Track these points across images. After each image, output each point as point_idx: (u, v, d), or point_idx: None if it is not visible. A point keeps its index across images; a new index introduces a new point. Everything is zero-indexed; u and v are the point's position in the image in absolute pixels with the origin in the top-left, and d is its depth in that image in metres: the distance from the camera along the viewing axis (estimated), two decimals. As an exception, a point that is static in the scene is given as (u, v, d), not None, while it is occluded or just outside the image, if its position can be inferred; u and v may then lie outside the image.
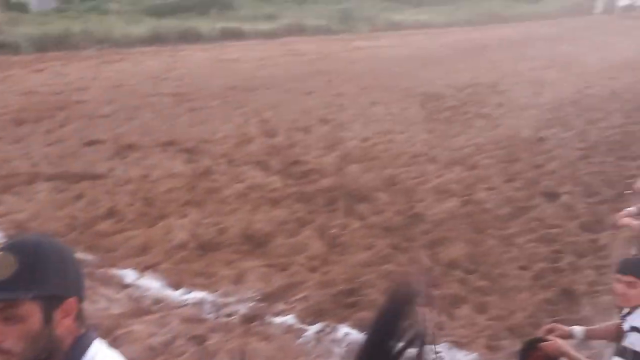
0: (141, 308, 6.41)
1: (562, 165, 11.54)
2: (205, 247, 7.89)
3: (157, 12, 35.92)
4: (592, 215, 9.12)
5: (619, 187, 10.31)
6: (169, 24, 32.18)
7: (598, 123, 15.17)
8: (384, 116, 15.60)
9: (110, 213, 8.88)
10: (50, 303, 1.68)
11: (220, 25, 33.84)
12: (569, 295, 6.84)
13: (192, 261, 7.50)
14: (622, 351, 3.52)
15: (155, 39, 29.74)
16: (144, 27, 30.99)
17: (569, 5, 70.79)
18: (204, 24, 33.39)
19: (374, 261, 7.52)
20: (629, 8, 71.02)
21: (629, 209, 5.88)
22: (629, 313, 3.60)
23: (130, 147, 12.18)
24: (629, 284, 3.48)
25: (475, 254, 7.83)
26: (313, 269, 7.39)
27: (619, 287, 3.55)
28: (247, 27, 34.78)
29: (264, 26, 35.62)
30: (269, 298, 6.69)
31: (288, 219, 8.79)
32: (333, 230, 8.37)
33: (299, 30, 36.94)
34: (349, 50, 30.66)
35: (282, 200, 9.54)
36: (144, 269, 7.23)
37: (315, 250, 7.80)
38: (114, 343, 4.24)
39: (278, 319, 6.32)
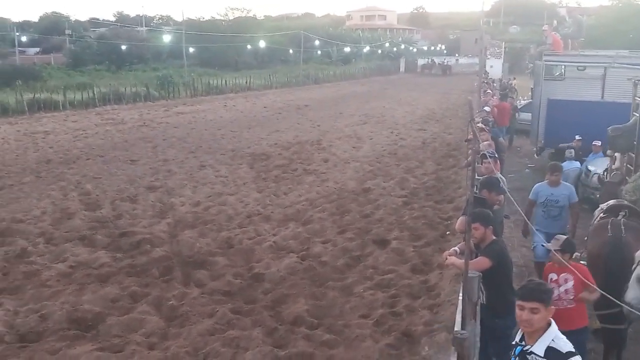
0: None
1: (388, 213, 12.14)
2: (26, 338, 7.03)
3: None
4: (420, 257, 9.63)
5: (440, 228, 11.09)
6: (-33, 97, 29.46)
7: (414, 171, 16.34)
8: (214, 179, 15.43)
9: None
10: None
11: (28, 96, 31.68)
12: (409, 338, 7.05)
13: (11, 356, 6.61)
14: None
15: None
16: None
17: (375, 66, 77.02)
18: (9, 96, 31.02)
19: (217, 329, 7.20)
20: (428, 66, 79.02)
21: (452, 249, 6.28)
22: (522, 339, 3.76)
23: None
24: (532, 310, 3.60)
25: (317, 308, 7.84)
26: (151, 346, 6.88)
27: (523, 314, 3.64)
28: (59, 97, 32.92)
29: (78, 96, 33.98)
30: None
31: (120, 295, 8.17)
32: (170, 302, 7.91)
33: (116, 98, 35.80)
34: (171, 116, 30.26)
35: (111, 276, 8.88)
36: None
37: (152, 326, 7.29)
38: None
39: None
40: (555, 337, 3.64)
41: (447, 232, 10.68)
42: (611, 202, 7.59)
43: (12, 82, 36.16)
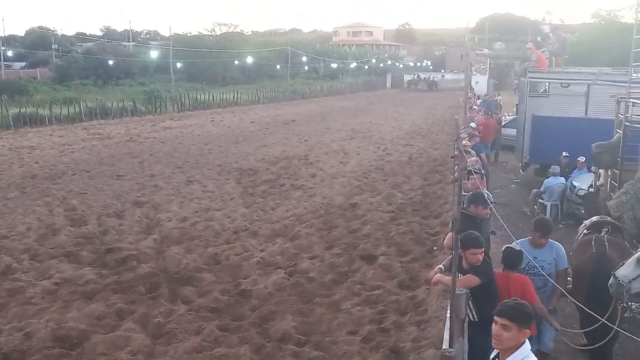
0: None
1: (375, 228, 12.16)
2: (10, 357, 6.92)
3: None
4: (408, 273, 9.64)
5: (427, 244, 11.13)
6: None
7: (401, 186, 16.40)
8: (201, 194, 15.38)
9: None
10: None
11: (13, 111, 31.47)
12: (397, 354, 7.03)
13: (-7, 376, 6.54)
14: None
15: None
16: None
17: (361, 82, 77.48)
18: (-6, 110, 30.83)
19: (204, 346, 7.15)
20: (414, 82, 79.58)
21: (437, 267, 6.30)
22: (496, 356, 3.79)
23: None
24: (504, 327, 3.66)
25: (305, 325, 7.81)
26: (138, 365, 6.81)
27: (495, 328, 3.71)
28: (44, 112, 32.74)
29: (64, 110, 33.81)
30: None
31: (105, 312, 8.08)
32: (157, 319, 7.84)
33: (102, 113, 35.65)
34: (158, 131, 30.18)
35: (97, 293, 8.79)
36: None
37: (138, 344, 7.22)
38: None
39: None
40: (526, 357, 3.66)
41: (434, 248, 10.72)
42: (594, 218, 7.68)
43: (-3, 97, 35.98)
